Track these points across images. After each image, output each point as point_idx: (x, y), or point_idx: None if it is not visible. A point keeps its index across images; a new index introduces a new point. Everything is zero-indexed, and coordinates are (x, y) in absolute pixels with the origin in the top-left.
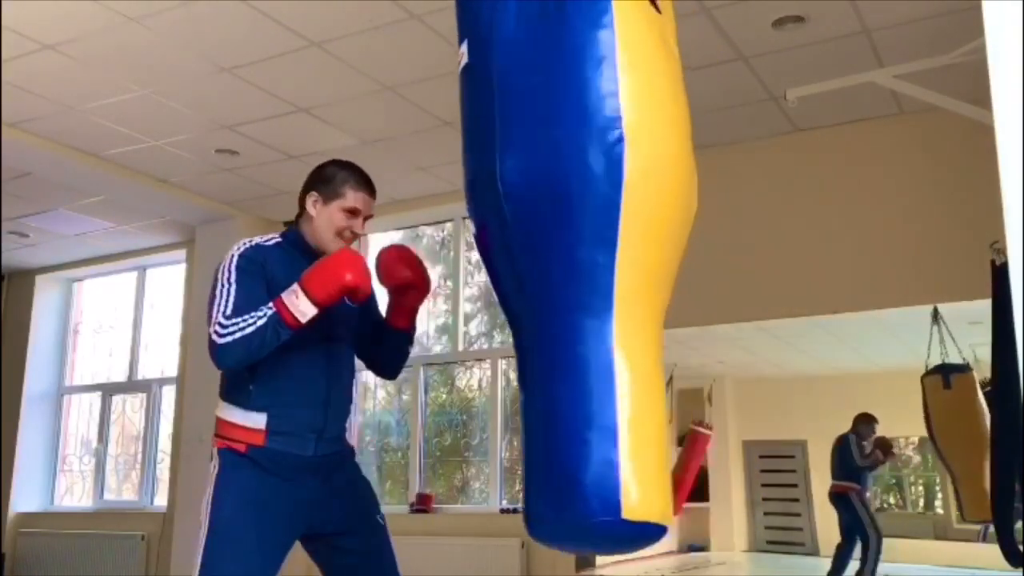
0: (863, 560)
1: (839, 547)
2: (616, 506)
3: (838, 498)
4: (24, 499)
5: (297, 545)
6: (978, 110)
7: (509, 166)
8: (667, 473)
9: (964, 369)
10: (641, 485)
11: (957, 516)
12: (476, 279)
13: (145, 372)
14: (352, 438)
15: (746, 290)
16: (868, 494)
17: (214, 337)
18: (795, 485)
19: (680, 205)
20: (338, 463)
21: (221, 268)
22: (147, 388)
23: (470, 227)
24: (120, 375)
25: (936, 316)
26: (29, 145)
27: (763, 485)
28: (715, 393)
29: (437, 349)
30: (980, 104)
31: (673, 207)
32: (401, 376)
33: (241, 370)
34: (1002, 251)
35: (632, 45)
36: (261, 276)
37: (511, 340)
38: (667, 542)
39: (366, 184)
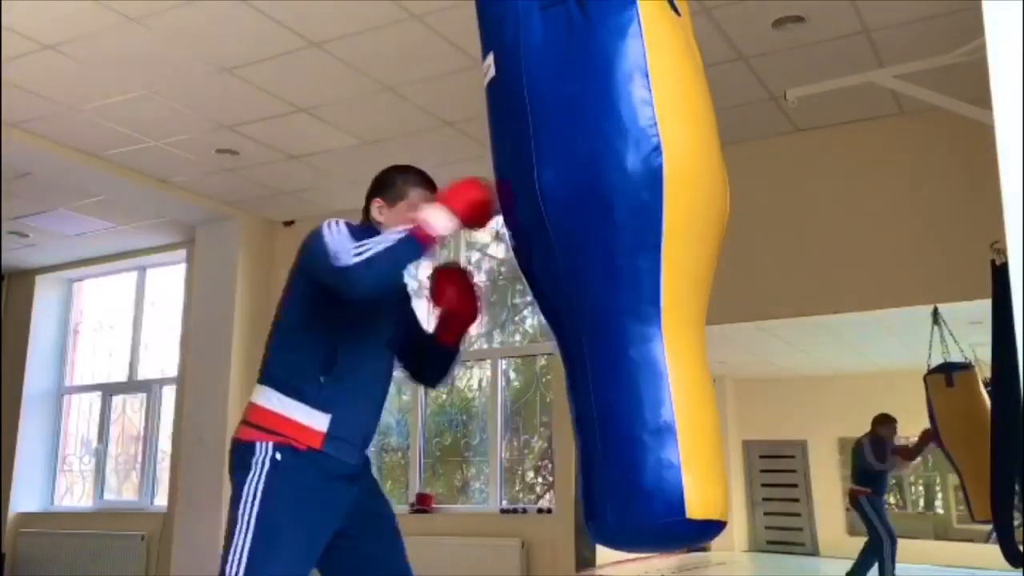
0: (879, 563)
1: (864, 546)
2: (680, 507)
3: (853, 501)
4: (24, 499)
5: None
6: (978, 110)
7: (548, 178)
8: (723, 470)
9: (967, 367)
10: (701, 484)
11: (959, 516)
12: (475, 279)
13: (145, 372)
14: None
15: (746, 290)
16: (884, 497)
17: (348, 260)
18: (795, 485)
19: (715, 208)
20: (366, 471)
21: (324, 230)
22: (147, 388)
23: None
24: (120, 375)
25: (936, 316)
26: (29, 145)
27: (763, 485)
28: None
29: None
30: (980, 104)
31: (710, 210)
32: (401, 376)
33: (312, 357)
34: (1002, 251)
35: (661, 53)
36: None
37: (511, 340)
38: None
39: (427, 182)
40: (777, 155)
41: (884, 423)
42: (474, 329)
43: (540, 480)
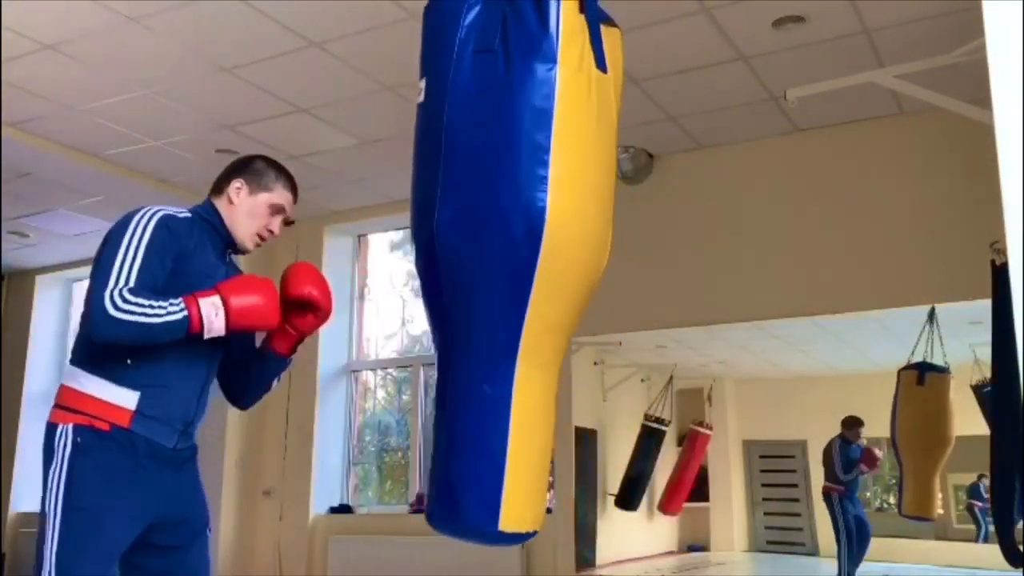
0: (838, 561)
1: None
2: (495, 520)
3: (825, 499)
4: (24, 499)
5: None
6: (978, 110)
7: (446, 217)
8: (542, 488)
9: (942, 371)
10: (517, 502)
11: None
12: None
13: None
14: (353, 437)
15: (746, 290)
16: (856, 495)
17: (108, 307)
18: (795, 485)
19: (590, 266)
20: (189, 460)
21: (131, 225)
22: None
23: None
24: None
25: (932, 317)
26: (29, 145)
27: (763, 485)
28: (715, 393)
29: None
30: (980, 104)
31: (584, 268)
32: (401, 376)
33: None
34: (1002, 251)
35: (569, 118)
36: (171, 253)
37: None
38: (667, 542)
39: (294, 186)
40: (777, 155)
41: (849, 425)
42: (320, 329)
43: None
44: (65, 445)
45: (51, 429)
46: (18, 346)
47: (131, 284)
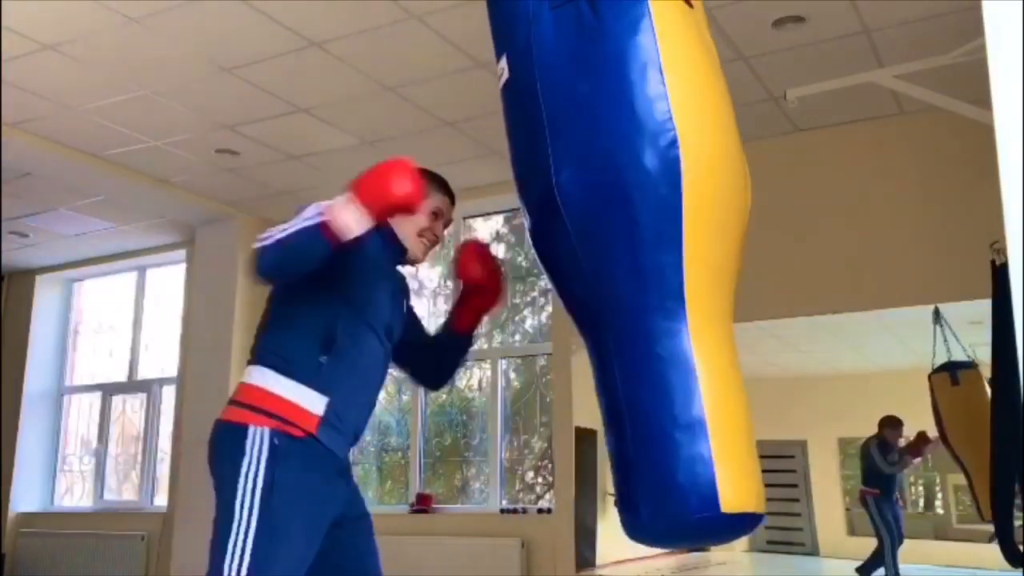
0: (884, 564)
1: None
2: (714, 501)
3: (862, 501)
4: (24, 499)
5: None
6: (978, 110)
7: (565, 178)
8: (757, 462)
9: (971, 366)
10: (735, 477)
11: (959, 516)
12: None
13: (145, 372)
14: None
15: (746, 290)
16: (894, 496)
17: (256, 244)
18: (795, 485)
19: (736, 199)
20: (350, 467)
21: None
22: (147, 388)
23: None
24: (120, 375)
25: (937, 316)
26: (29, 145)
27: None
28: None
29: None
30: (980, 104)
31: (730, 202)
32: (401, 376)
33: (313, 334)
34: (1002, 251)
35: (674, 46)
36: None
37: (511, 340)
38: None
39: (447, 189)
40: (777, 155)
41: (891, 425)
42: (496, 311)
43: (540, 480)
44: (262, 448)
45: (238, 431)
46: (18, 346)
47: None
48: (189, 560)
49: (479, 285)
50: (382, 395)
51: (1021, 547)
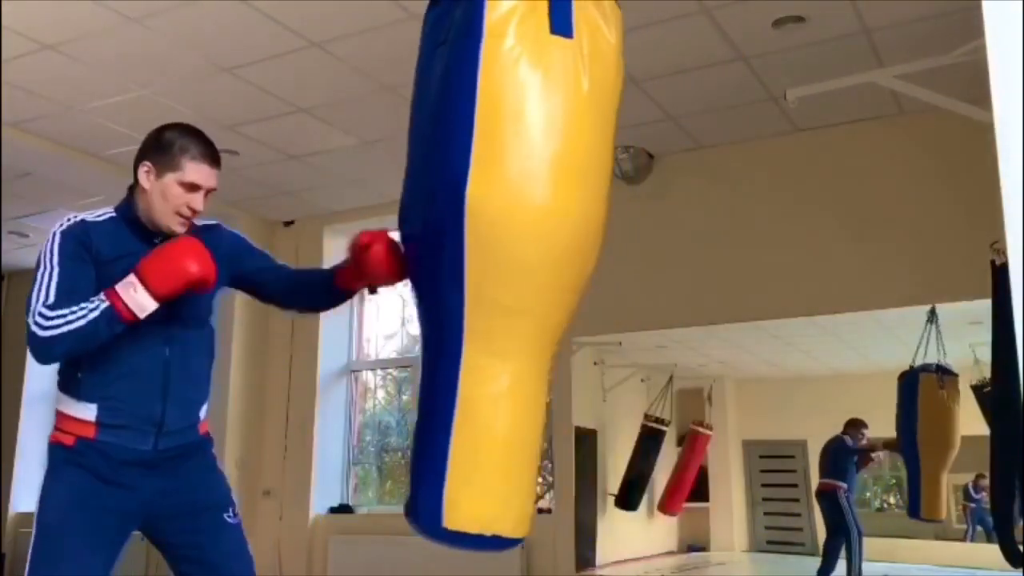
0: (848, 557)
1: (827, 542)
2: (438, 518)
3: (824, 495)
4: (24, 499)
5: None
6: (978, 110)
7: (403, 203)
8: (512, 489)
9: (953, 374)
10: (463, 500)
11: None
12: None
13: None
14: (353, 437)
15: (746, 290)
16: (853, 495)
17: (35, 329)
18: (795, 485)
19: (541, 248)
20: (185, 456)
21: (43, 249)
22: None
23: None
24: None
25: (933, 316)
26: (29, 145)
27: (763, 485)
28: (715, 393)
29: None
30: (980, 104)
31: (534, 251)
32: (401, 376)
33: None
34: (1002, 251)
35: (495, 98)
36: (86, 258)
37: None
38: (667, 542)
39: (209, 155)
40: (777, 155)
41: (856, 427)
42: (390, 289)
43: (540, 480)
44: (48, 462)
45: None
46: (18, 346)
47: (50, 300)
48: None
49: (379, 276)
50: (381, 395)
51: (1021, 547)
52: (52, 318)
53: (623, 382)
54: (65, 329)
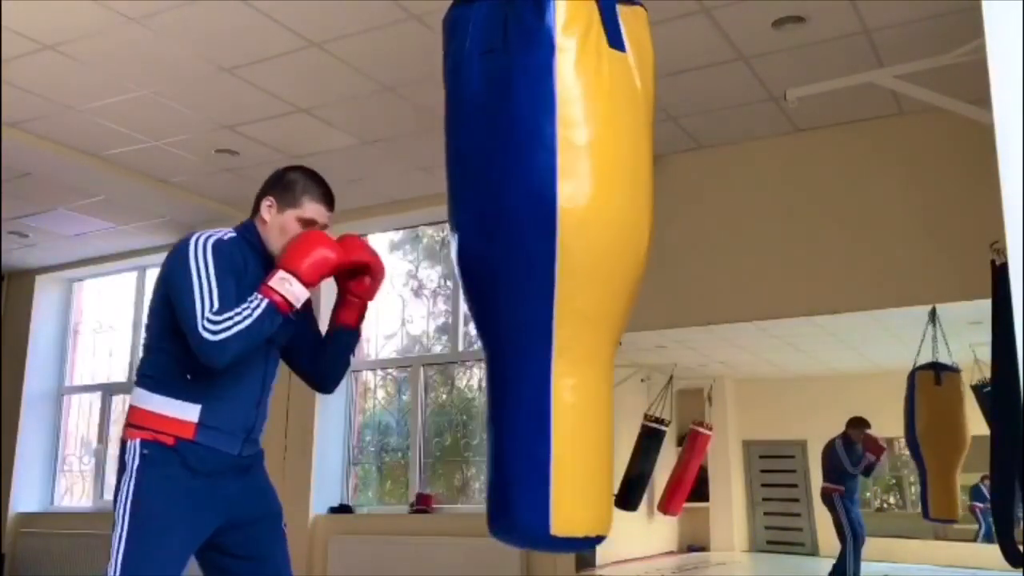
0: (843, 560)
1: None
2: (546, 524)
3: (823, 499)
4: (24, 499)
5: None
6: (978, 110)
7: (462, 220)
8: (601, 492)
9: (954, 370)
10: (568, 505)
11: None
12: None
13: None
14: (353, 437)
15: (746, 290)
16: (856, 495)
17: (206, 335)
18: (795, 485)
19: (622, 251)
20: (253, 465)
21: (190, 258)
22: None
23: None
24: (120, 375)
25: (933, 316)
26: (29, 145)
27: (763, 485)
28: (715, 393)
29: (437, 349)
30: (980, 104)
31: (612, 255)
32: (401, 376)
33: (178, 356)
34: (1002, 251)
35: (573, 98)
36: (232, 270)
37: None
38: (667, 542)
39: (326, 196)
40: (777, 155)
41: (855, 425)
42: (376, 299)
43: None
44: (135, 458)
45: (123, 445)
46: (18, 346)
47: (215, 307)
48: None
49: (360, 271)
50: (381, 395)
51: (1021, 547)
52: (220, 322)
53: (623, 382)
54: (235, 330)
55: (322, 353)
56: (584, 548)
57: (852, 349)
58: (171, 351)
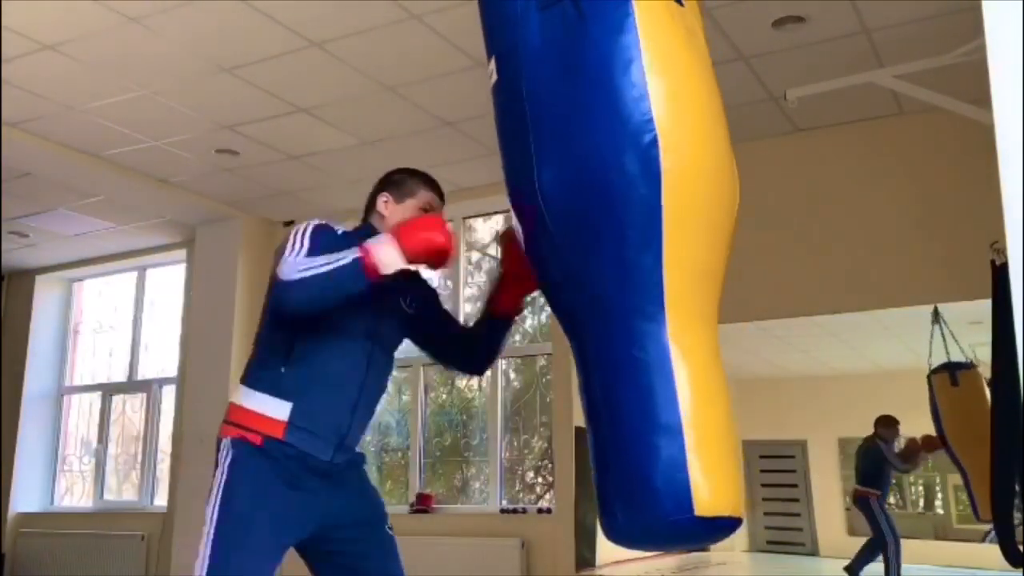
0: (885, 564)
1: (867, 543)
2: (688, 505)
3: (859, 502)
4: (24, 499)
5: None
6: (978, 110)
7: (547, 178)
8: (736, 466)
9: (969, 367)
10: (710, 481)
11: (959, 516)
12: (476, 279)
13: (145, 372)
14: None
15: (746, 290)
16: (889, 499)
17: (284, 276)
18: (795, 485)
19: (721, 200)
20: (349, 470)
21: (293, 232)
22: (147, 388)
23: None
24: (120, 375)
25: (937, 316)
26: (29, 145)
27: (763, 485)
28: None
29: None
30: (980, 104)
31: (714, 203)
32: (401, 376)
33: (274, 347)
34: (1002, 251)
35: (657, 46)
36: (334, 246)
37: (511, 341)
38: None
39: (436, 186)
40: (777, 155)
41: (888, 424)
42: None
43: (540, 480)
44: (225, 457)
45: (217, 442)
46: (18, 346)
47: (305, 252)
48: (189, 560)
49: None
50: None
51: (1021, 547)
52: (302, 264)
53: None
54: (313, 272)
55: (467, 343)
56: (728, 531)
57: (852, 349)
58: (269, 343)
